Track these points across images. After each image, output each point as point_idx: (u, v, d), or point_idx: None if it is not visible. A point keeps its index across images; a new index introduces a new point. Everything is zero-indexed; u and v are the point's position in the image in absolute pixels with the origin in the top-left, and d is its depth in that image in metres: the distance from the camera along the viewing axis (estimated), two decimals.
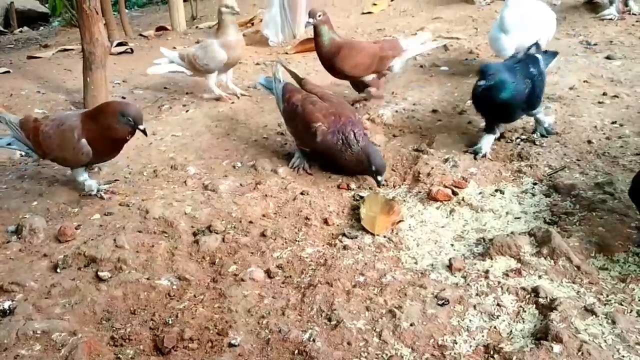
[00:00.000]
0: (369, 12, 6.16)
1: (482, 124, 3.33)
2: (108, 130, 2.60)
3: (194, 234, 2.50)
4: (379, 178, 2.79)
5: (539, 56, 3.17)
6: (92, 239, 2.46)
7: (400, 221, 2.50)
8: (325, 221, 2.53)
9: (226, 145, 3.37)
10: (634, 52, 4.24)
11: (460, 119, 3.48)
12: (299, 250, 2.36)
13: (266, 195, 2.77)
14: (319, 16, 3.50)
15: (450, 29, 5.25)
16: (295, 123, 3.02)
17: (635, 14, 5.00)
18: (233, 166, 3.10)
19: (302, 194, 2.75)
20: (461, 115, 3.52)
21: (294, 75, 3.39)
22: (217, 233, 2.48)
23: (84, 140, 2.63)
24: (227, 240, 2.43)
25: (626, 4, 5.09)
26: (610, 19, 4.97)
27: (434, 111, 3.60)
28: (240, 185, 2.88)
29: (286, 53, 5.10)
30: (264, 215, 2.62)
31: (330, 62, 3.57)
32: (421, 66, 4.44)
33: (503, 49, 3.81)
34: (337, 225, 2.53)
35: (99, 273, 2.25)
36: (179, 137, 3.52)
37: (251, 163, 3.09)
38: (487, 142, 3.01)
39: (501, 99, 2.85)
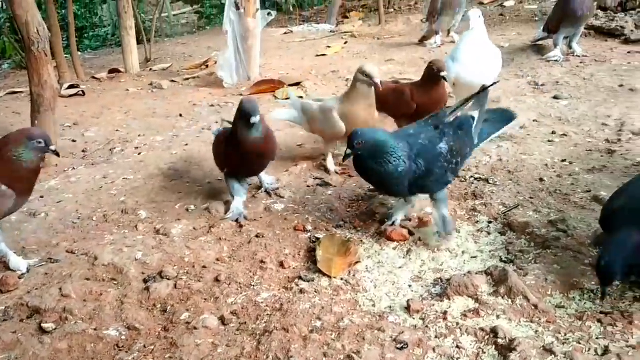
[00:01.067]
0: (323, 55, 6.23)
1: None
2: (19, 162, 2.31)
3: (145, 281, 2.40)
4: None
5: (472, 122, 2.61)
6: (36, 289, 2.35)
7: (357, 262, 2.46)
8: (282, 264, 2.47)
9: (179, 188, 3.30)
10: (579, 92, 4.38)
11: None
12: (254, 295, 2.29)
13: (220, 238, 2.70)
14: None
15: (403, 70, 5.33)
16: None
17: (578, 56, 5.18)
18: (186, 209, 3.02)
19: (257, 236, 2.69)
20: None
21: None
22: (168, 279, 2.40)
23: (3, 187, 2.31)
24: (179, 287, 2.35)
25: (570, 47, 5.28)
26: (556, 61, 5.14)
27: None
28: (194, 229, 2.80)
29: (241, 94, 5.09)
30: (218, 260, 2.54)
31: None
32: None
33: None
34: (294, 268, 2.48)
35: (43, 325, 2.14)
36: (131, 180, 3.43)
37: (205, 206, 3.02)
38: (400, 211, 2.73)
39: (372, 172, 2.47)
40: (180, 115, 4.62)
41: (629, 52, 5.22)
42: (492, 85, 2.67)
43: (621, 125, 3.71)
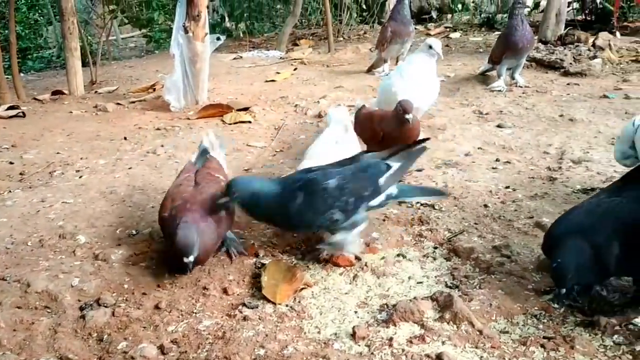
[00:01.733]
0: (273, 80, 6.23)
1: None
2: None
3: (81, 309, 2.30)
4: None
5: (384, 169, 2.54)
6: None
7: (303, 288, 2.42)
8: (225, 291, 2.41)
9: (121, 213, 3.20)
10: (522, 121, 4.49)
11: None
12: (195, 322, 2.22)
13: (162, 264, 2.62)
14: None
15: (351, 97, 5.37)
16: None
17: (521, 87, 5.33)
18: (128, 234, 2.93)
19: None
20: None
21: None
22: (106, 307, 2.30)
23: None
24: (117, 314, 2.25)
25: (513, 77, 5.43)
26: (499, 91, 5.28)
27: None
28: (135, 254, 2.71)
29: (188, 118, 5.02)
30: (158, 286, 2.46)
31: None
32: None
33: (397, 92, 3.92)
34: (238, 294, 2.41)
35: None
36: (71, 204, 3.31)
37: (147, 231, 2.93)
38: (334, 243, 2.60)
39: (258, 214, 2.52)
40: (125, 139, 4.51)
41: (568, 84, 5.40)
42: (426, 139, 2.75)
43: (561, 153, 3.80)
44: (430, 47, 3.99)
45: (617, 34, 7.04)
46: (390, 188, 2.56)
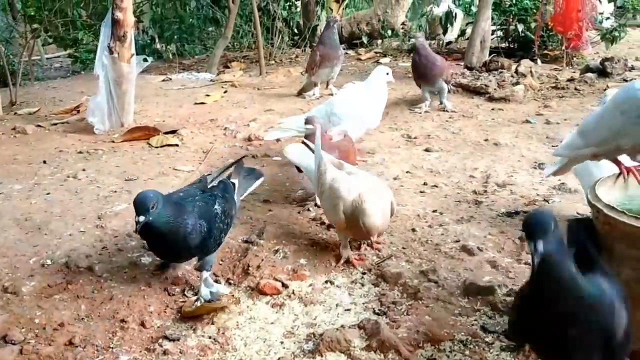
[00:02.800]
0: (202, 103, 6.12)
1: (313, 213, 3.34)
2: None
3: None
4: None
5: (235, 182, 2.77)
6: None
7: (224, 307, 2.37)
8: (143, 324, 2.29)
9: (36, 241, 3.02)
10: (448, 145, 4.56)
11: (291, 209, 3.44)
12: (112, 358, 2.10)
13: (78, 296, 2.48)
14: None
15: (282, 120, 5.33)
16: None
17: (447, 111, 5.43)
18: (42, 264, 2.76)
19: (119, 293, 2.50)
20: (292, 205, 3.50)
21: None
22: (13, 344, 2.15)
23: None
24: (25, 352, 2.11)
25: (441, 102, 5.53)
26: (422, 112, 5.43)
27: (265, 201, 3.55)
28: (48, 285, 2.56)
29: (113, 141, 4.85)
30: (73, 320, 2.32)
31: None
32: (253, 156, 4.41)
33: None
34: (158, 327, 2.31)
35: None
36: None
37: (63, 260, 2.77)
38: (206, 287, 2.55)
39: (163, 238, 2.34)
40: (44, 162, 4.31)
41: (492, 109, 5.54)
42: (243, 157, 3.03)
43: (487, 177, 3.87)
44: (387, 74, 4.26)
45: (538, 61, 7.33)
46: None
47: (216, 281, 2.65)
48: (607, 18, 7.82)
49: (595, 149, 2.24)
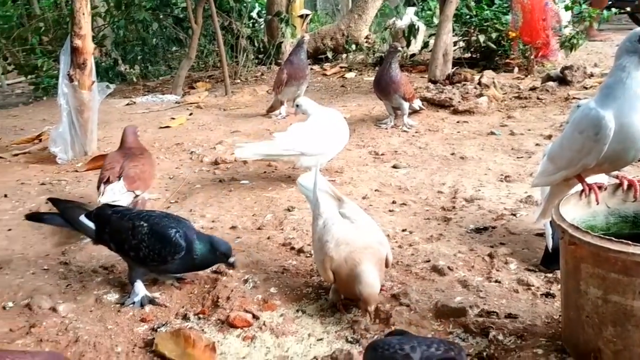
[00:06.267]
0: (167, 127, 6.05)
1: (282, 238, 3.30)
2: None
3: None
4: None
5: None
6: None
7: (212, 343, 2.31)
8: None
9: None
10: (416, 161, 4.58)
11: (260, 234, 3.41)
12: None
13: (42, 340, 2.40)
14: None
15: (248, 141, 5.29)
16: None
17: (406, 130, 5.40)
18: (2, 307, 2.68)
19: (85, 334, 2.43)
20: (260, 230, 3.46)
21: None
22: None
23: None
24: None
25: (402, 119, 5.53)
26: (382, 126, 5.51)
27: (233, 227, 3.50)
28: (10, 330, 2.48)
29: (76, 171, 4.77)
30: None
31: None
32: (220, 180, 4.37)
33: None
34: None
35: None
36: None
37: (25, 301, 2.69)
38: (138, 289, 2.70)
39: None
40: (5, 196, 4.20)
41: (458, 122, 5.58)
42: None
43: (455, 192, 3.89)
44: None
45: (516, 70, 7.48)
46: None
47: (185, 315, 2.59)
48: (565, 26, 7.96)
49: (565, 172, 2.27)
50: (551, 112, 5.71)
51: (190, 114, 6.59)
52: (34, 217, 3.09)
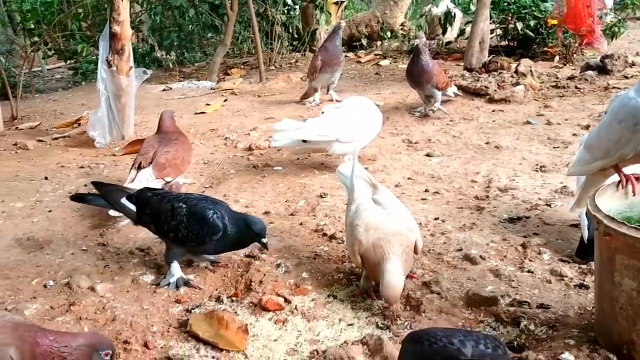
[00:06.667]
0: (203, 112, 6.12)
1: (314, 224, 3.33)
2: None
3: None
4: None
5: None
6: None
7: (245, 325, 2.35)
8: (146, 344, 2.29)
9: (38, 261, 3.03)
10: (449, 150, 4.55)
11: (292, 220, 3.44)
12: None
13: (81, 318, 2.48)
14: None
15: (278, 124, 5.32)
16: None
17: (432, 110, 5.41)
18: (44, 285, 2.76)
19: (122, 313, 2.49)
20: (293, 216, 3.49)
21: None
22: None
23: None
24: None
25: (432, 108, 5.47)
26: (415, 114, 5.48)
27: (266, 213, 3.54)
28: (51, 307, 2.56)
29: (114, 155, 4.86)
30: None
31: None
32: (254, 166, 4.41)
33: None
34: (161, 347, 2.30)
35: None
36: None
37: (65, 281, 2.77)
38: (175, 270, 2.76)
39: None
40: (46, 178, 4.32)
41: (493, 111, 5.53)
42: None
43: (489, 181, 3.86)
44: None
45: (556, 58, 7.35)
46: None
47: (218, 297, 2.64)
48: (606, 14, 7.78)
49: (601, 162, 2.24)
50: (589, 101, 5.61)
51: (225, 100, 6.65)
52: (79, 198, 3.16)
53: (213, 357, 2.22)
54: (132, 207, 2.86)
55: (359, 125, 4.10)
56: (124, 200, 2.88)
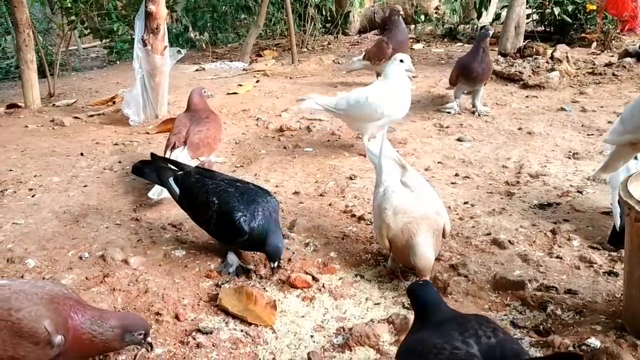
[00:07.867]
0: (235, 93, 6.17)
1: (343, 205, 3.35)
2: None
3: None
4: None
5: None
6: None
7: (273, 302, 2.39)
8: (177, 317, 2.35)
9: (74, 234, 3.11)
10: (481, 135, 4.52)
11: (322, 200, 3.47)
12: (147, 351, 2.15)
13: (114, 289, 2.55)
14: None
15: (313, 110, 5.34)
16: None
17: (479, 114, 5.02)
18: (80, 257, 2.85)
19: (154, 286, 2.56)
20: (322, 197, 3.52)
21: None
22: None
23: None
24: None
25: (473, 104, 5.24)
26: (448, 112, 5.13)
27: (296, 193, 3.58)
28: (86, 278, 2.64)
29: (147, 133, 4.94)
30: None
31: None
32: (284, 147, 4.45)
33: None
34: (192, 320, 2.36)
35: None
36: (21, 225, 3.22)
37: (100, 253, 2.85)
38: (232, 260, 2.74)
39: None
40: (82, 155, 4.41)
41: (526, 97, 5.47)
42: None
43: (520, 167, 3.84)
44: (402, 61, 4.09)
45: (594, 44, 7.21)
46: None
47: (248, 273, 2.68)
48: None
49: (631, 135, 2.23)
50: (627, 89, 5.51)
51: (257, 81, 6.69)
52: (137, 170, 3.13)
53: (242, 331, 2.27)
54: (177, 188, 2.90)
55: (389, 100, 4.03)
56: (171, 181, 2.91)
